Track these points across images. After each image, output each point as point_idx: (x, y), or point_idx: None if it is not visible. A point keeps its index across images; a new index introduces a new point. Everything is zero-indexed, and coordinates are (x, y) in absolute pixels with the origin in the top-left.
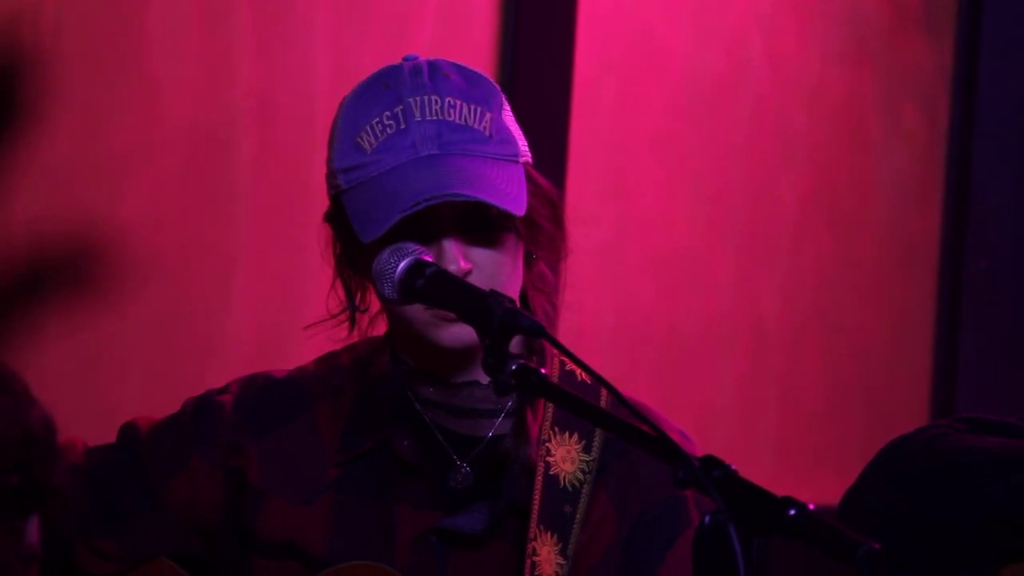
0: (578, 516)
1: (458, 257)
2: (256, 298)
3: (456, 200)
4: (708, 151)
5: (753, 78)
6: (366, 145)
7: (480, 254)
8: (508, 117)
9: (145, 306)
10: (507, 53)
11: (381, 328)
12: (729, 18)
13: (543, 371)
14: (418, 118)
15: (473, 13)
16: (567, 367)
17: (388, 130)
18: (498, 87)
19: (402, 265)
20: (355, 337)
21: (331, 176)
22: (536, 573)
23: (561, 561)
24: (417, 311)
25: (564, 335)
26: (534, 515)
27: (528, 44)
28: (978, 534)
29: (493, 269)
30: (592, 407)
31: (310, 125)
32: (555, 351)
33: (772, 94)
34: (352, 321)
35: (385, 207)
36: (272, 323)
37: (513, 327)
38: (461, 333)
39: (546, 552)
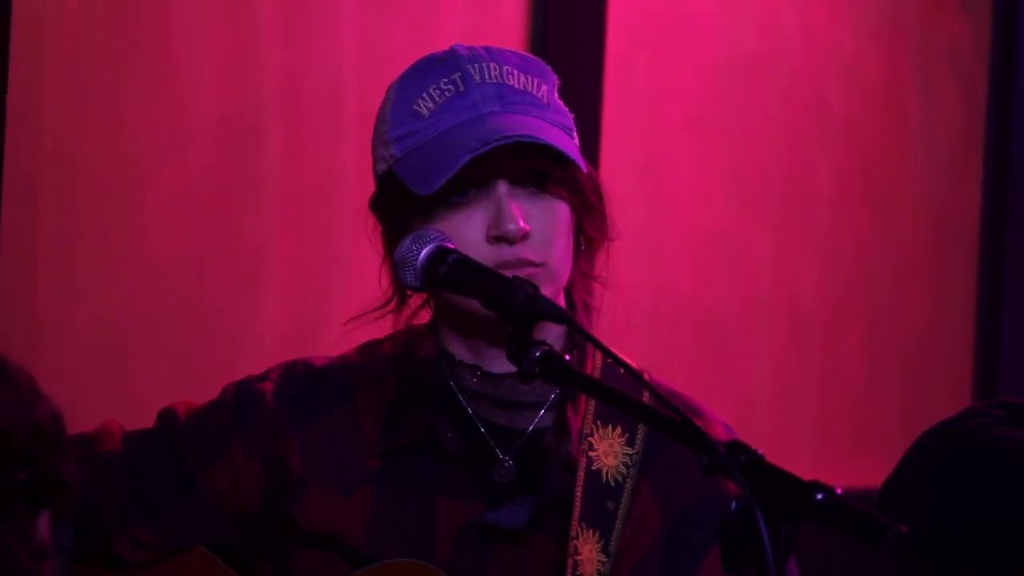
0: (621, 512)
1: (517, 216)
2: (286, 287)
3: (524, 141)
4: (742, 130)
5: (787, 55)
6: (423, 110)
7: (536, 219)
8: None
9: (174, 297)
10: (538, 36)
11: (422, 319)
12: None
13: (567, 357)
14: (478, 81)
15: None
16: (609, 360)
17: (447, 94)
18: (549, 67)
19: (424, 252)
20: (389, 327)
21: (382, 150)
22: (578, 572)
23: (603, 559)
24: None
25: (600, 320)
26: (576, 513)
27: (559, 26)
28: (1011, 541)
29: (548, 235)
30: (619, 395)
31: (338, 113)
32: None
33: (806, 71)
34: (400, 307)
35: (448, 156)
36: (302, 312)
37: (536, 313)
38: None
39: (588, 550)
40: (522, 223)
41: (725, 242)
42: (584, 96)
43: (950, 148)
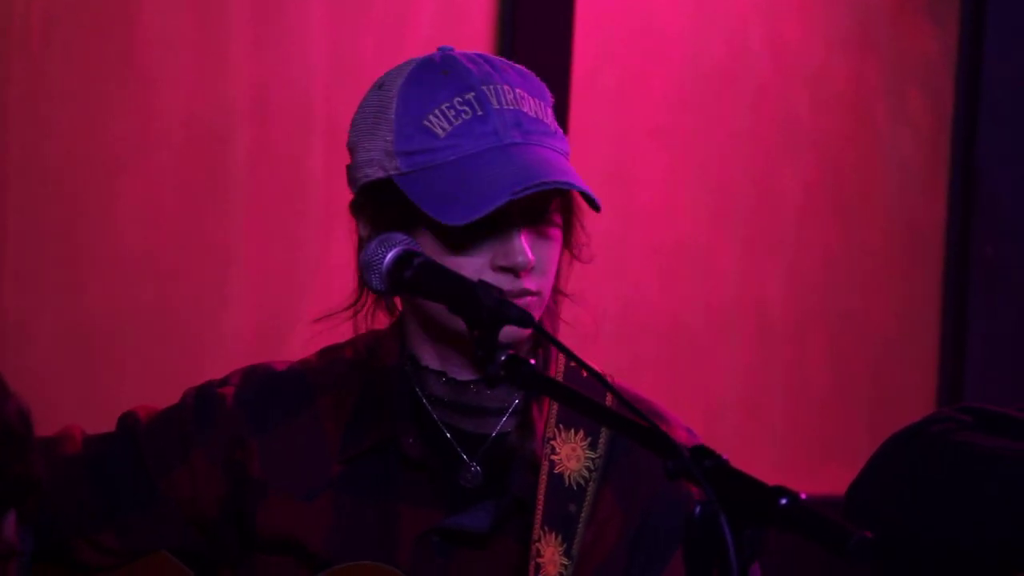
0: (583, 515)
1: (527, 249)
2: (253, 290)
3: (563, 188)
4: (710, 140)
5: (755, 65)
6: (438, 129)
7: (538, 249)
8: None
9: (141, 301)
10: (506, 45)
11: (379, 322)
12: (730, 4)
13: (532, 362)
14: (496, 106)
15: (471, 3)
16: (572, 363)
17: (463, 115)
18: (544, 83)
19: (390, 256)
20: (352, 331)
21: (382, 158)
22: (540, 575)
23: (565, 562)
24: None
25: (567, 327)
26: (538, 516)
27: (526, 34)
28: (979, 550)
29: (547, 266)
30: (585, 399)
31: (307, 119)
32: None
33: (774, 81)
34: (376, 305)
35: (482, 189)
36: (269, 317)
37: (503, 318)
38: (511, 331)
39: (550, 553)
40: (531, 256)
41: (692, 251)
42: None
43: (917, 158)
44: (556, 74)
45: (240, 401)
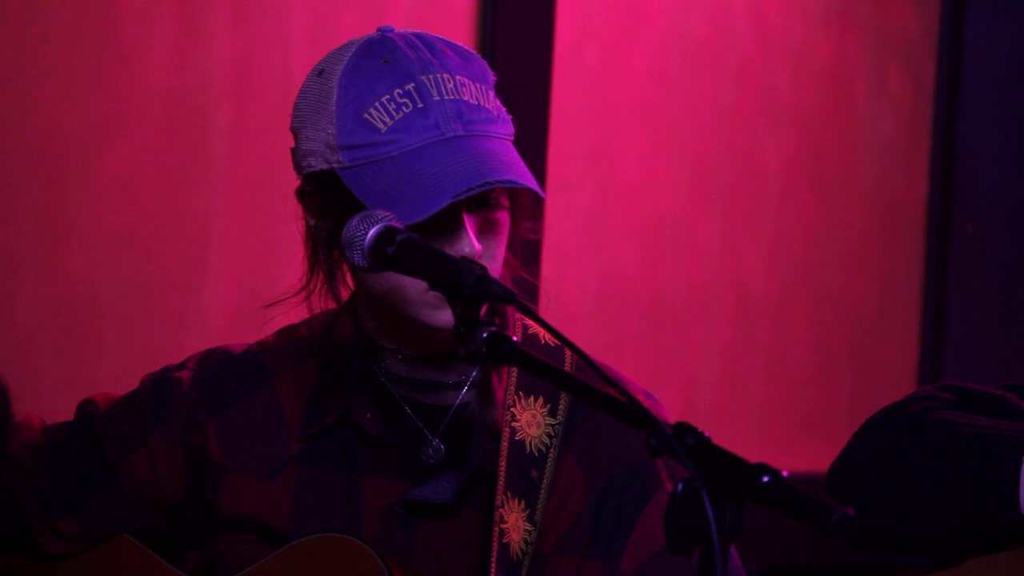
0: (545, 482)
1: (473, 239)
2: (233, 268)
3: (506, 187)
4: (691, 116)
5: (737, 41)
6: (378, 123)
7: (485, 235)
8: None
9: (121, 278)
10: (487, 18)
11: (333, 303)
12: None
13: (515, 339)
14: (436, 97)
15: None
16: (530, 330)
17: (404, 108)
18: (484, 61)
19: (372, 232)
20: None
21: (325, 151)
22: (504, 540)
23: (529, 527)
24: (417, 289)
25: (547, 303)
26: (501, 481)
27: (508, 8)
28: (960, 528)
29: (495, 250)
30: (562, 373)
31: (287, 94)
32: (518, 315)
33: (756, 57)
34: (333, 287)
35: (425, 190)
36: (250, 294)
37: (485, 294)
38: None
39: (514, 519)
40: (477, 245)
41: (673, 227)
42: (533, 80)
43: (898, 136)
44: (537, 50)
45: (197, 384)
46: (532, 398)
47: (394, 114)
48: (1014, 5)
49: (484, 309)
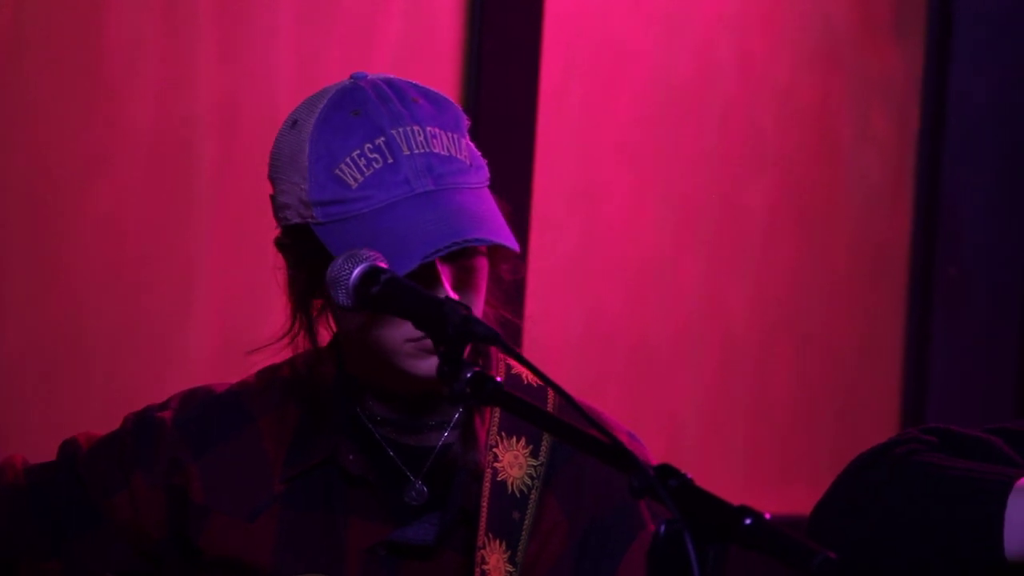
0: (527, 523)
1: (448, 289)
2: (218, 307)
3: (472, 245)
4: (676, 157)
5: (722, 83)
6: (349, 179)
7: (461, 283)
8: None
9: (105, 314)
10: (472, 59)
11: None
12: (697, 23)
13: (498, 380)
14: (406, 152)
15: (438, 18)
16: (513, 370)
17: (374, 164)
18: (458, 106)
19: (356, 272)
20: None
21: (299, 205)
22: None
23: (510, 569)
24: (396, 340)
25: (531, 343)
26: (482, 522)
27: (494, 49)
28: (943, 572)
29: (473, 298)
30: (545, 414)
31: (273, 132)
32: (501, 355)
33: (741, 99)
34: (311, 335)
35: (394, 247)
36: (235, 333)
37: (469, 334)
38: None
39: (495, 560)
40: (453, 296)
41: (657, 268)
42: (518, 120)
43: (882, 177)
44: (523, 89)
45: (179, 424)
46: (514, 439)
47: (364, 170)
48: (998, 48)
49: (468, 349)
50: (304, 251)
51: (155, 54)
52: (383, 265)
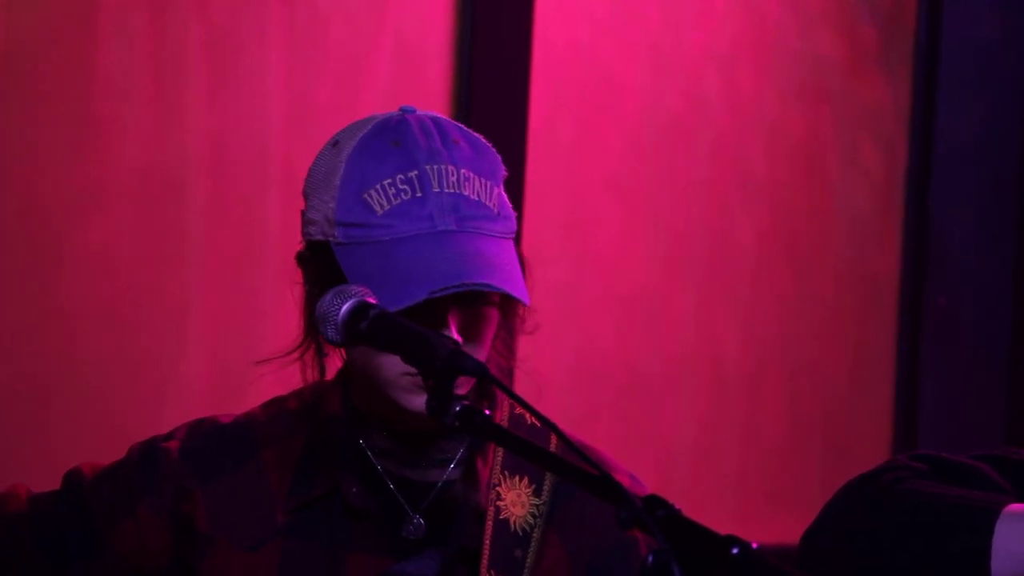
0: (529, 561)
1: (454, 331)
2: (210, 342)
3: (479, 289)
4: (666, 190)
5: (711, 117)
6: (376, 205)
7: (470, 328)
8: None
9: (97, 351)
10: (462, 93)
11: (330, 372)
12: (686, 57)
13: (487, 412)
14: (436, 189)
15: (427, 55)
16: (516, 410)
17: (403, 195)
18: (499, 156)
19: (345, 307)
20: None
21: (324, 223)
22: None
23: None
24: (394, 373)
25: (522, 376)
26: (484, 560)
27: (483, 84)
28: None
29: (479, 343)
30: (537, 448)
31: (263, 167)
32: (507, 398)
33: (730, 133)
34: (319, 356)
35: (403, 281)
36: (226, 367)
37: (457, 368)
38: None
39: None
40: (458, 338)
41: (647, 300)
42: (507, 154)
43: (871, 209)
44: (513, 124)
45: (185, 454)
46: (517, 478)
47: (392, 199)
48: (985, 80)
49: (469, 389)
50: (321, 269)
51: (145, 92)
52: (372, 300)
